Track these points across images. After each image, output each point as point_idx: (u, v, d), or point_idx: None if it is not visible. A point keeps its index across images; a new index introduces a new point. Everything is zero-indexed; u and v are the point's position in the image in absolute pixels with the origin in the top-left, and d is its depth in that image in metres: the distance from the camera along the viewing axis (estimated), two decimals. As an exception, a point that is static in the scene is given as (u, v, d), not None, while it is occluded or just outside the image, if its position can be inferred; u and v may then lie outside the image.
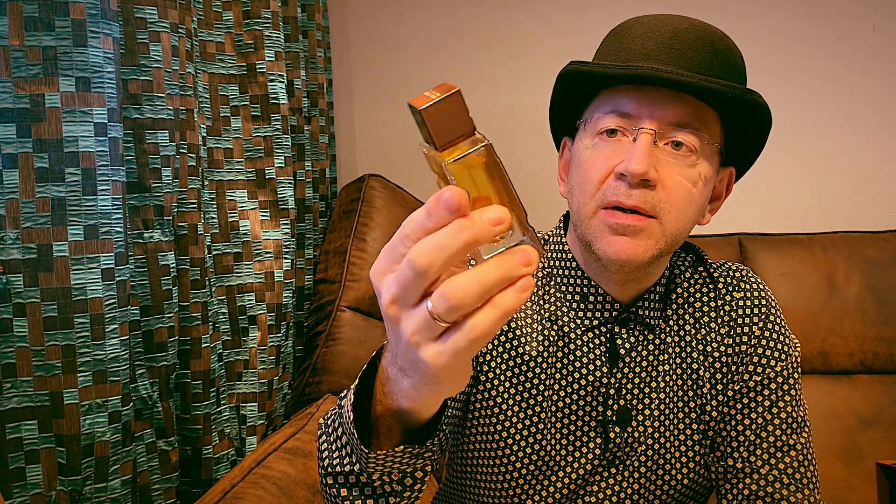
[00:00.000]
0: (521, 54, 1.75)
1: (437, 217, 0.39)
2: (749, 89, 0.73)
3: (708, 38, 0.73)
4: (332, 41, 1.74)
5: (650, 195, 0.71)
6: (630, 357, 0.82)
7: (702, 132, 0.73)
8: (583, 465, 0.81)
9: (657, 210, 0.72)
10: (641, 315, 0.82)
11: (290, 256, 1.39)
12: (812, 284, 1.47)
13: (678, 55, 0.72)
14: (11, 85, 0.90)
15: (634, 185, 0.71)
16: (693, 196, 0.73)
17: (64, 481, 0.93)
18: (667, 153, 0.72)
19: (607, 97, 0.76)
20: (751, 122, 0.76)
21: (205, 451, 1.19)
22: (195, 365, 1.17)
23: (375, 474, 0.61)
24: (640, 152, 0.70)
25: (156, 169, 1.09)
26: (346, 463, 0.63)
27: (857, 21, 1.66)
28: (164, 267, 1.10)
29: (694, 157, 0.73)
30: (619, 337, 0.82)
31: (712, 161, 0.75)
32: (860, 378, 1.46)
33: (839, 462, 1.40)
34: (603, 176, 0.74)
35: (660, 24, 0.74)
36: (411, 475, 0.63)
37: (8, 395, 0.90)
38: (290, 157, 1.39)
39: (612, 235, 0.73)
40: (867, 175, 1.69)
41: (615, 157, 0.73)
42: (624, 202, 0.71)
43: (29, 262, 0.91)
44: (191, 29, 1.21)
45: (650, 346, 0.82)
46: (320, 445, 0.68)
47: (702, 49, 0.73)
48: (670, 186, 0.72)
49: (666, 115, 0.72)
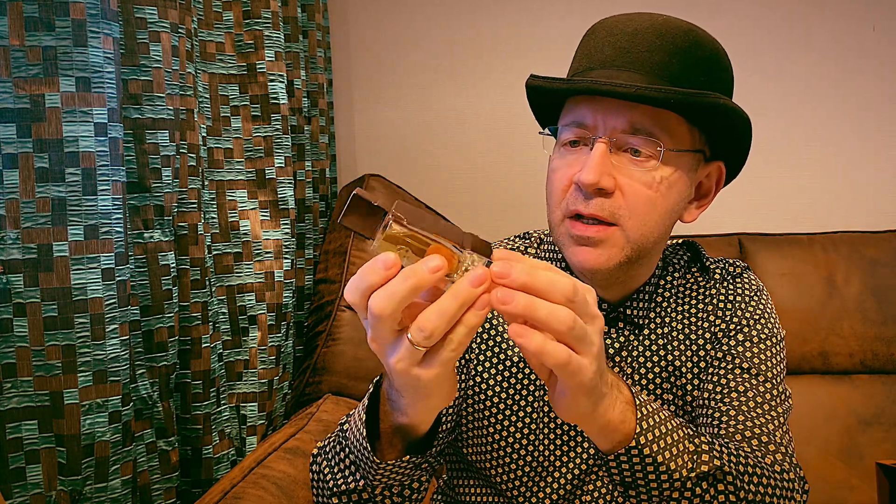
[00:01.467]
0: (522, 54, 1.75)
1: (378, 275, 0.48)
2: (699, 92, 0.72)
3: (669, 37, 0.73)
4: (332, 41, 1.74)
5: (607, 203, 0.73)
6: (620, 356, 0.82)
7: (658, 138, 0.73)
8: (578, 465, 0.81)
9: (616, 217, 0.73)
10: (629, 315, 0.82)
11: (290, 256, 1.39)
12: (812, 284, 1.47)
13: (633, 59, 0.73)
14: (11, 85, 0.90)
15: (590, 194, 0.72)
16: (655, 201, 0.74)
17: (64, 481, 0.93)
18: (626, 160, 0.73)
19: (570, 107, 0.78)
20: (717, 121, 0.75)
21: (205, 451, 1.19)
22: (195, 365, 1.17)
23: (378, 488, 0.68)
24: (592, 163, 0.71)
25: (156, 169, 1.09)
26: (352, 481, 0.69)
27: (856, 21, 1.66)
28: (164, 267, 1.10)
29: (653, 162, 0.73)
30: (608, 337, 0.82)
31: (679, 163, 0.75)
32: (860, 378, 1.46)
33: (839, 462, 1.40)
34: (566, 185, 0.76)
35: (620, 27, 0.75)
36: (409, 486, 0.69)
37: (8, 395, 0.90)
38: (290, 157, 1.39)
39: (575, 246, 0.75)
40: (867, 175, 1.69)
41: (576, 167, 0.74)
42: (582, 210, 0.73)
43: (29, 262, 0.91)
44: (191, 29, 1.21)
45: (638, 345, 0.82)
46: (322, 470, 0.73)
47: (661, 49, 0.73)
48: (629, 193, 0.73)
49: (619, 123, 0.73)
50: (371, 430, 0.65)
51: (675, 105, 0.72)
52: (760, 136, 1.73)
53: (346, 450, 0.70)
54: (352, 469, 0.69)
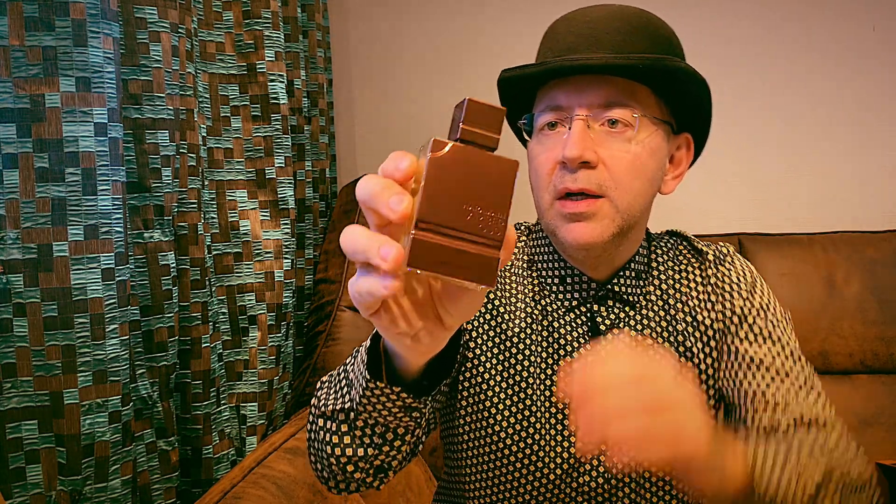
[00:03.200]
0: (522, 54, 1.75)
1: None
2: (663, 56, 0.77)
3: (625, 19, 0.78)
4: (332, 41, 1.74)
5: (594, 175, 0.76)
6: (612, 334, 0.83)
7: (633, 105, 0.77)
8: (574, 444, 0.82)
9: (604, 188, 0.76)
10: (618, 292, 0.84)
11: (290, 256, 1.39)
12: (812, 284, 1.47)
13: (596, 41, 0.77)
14: (11, 85, 0.90)
15: (576, 169, 0.75)
16: (637, 167, 0.77)
17: (64, 481, 0.93)
18: (604, 133, 0.76)
19: (542, 96, 0.81)
20: (678, 87, 0.79)
21: (205, 451, 1.19)
22: (195, 365, 1.17)
23: (362, 416, 0.65)
24: (574, 138, 0.75)
25: (156, 169, 1.09)
26: (340, 399, 0.68)
27: (856, 21, 1.66)
28: (164, 267, 1.10)
29: (630, 130, 0.77)
30: (599, 315, 0.84)
31: (654, 131, 0.78)
32: (860, 378, 1.46)
33: (839, 462, 1.40)
34: (551, 167, 0.78)
35: (578, 18, 0.80)
36: (393, 430, 0.67)
37: (8, 395, 0.91)
38: (290, 157, 1.39)
39: (569, 223, 0.77)
40: (867, 175, 1.69)
41: (558, 148, 0.77)
42: (571, 187, 0.76)
43: (29, 262, 0.91)
44: (191, 29, 1.21)
45: (631, 322, 0.84)
46: (318, 395, 0.73)
47: (619, 30, 0.77)
48: (612, 163, 0.76)
49: (594, 98, 0.76)
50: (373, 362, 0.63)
51: (644, 71, 0.76)
52: (761, 136, 1.74)
53: (345, 371, 0.69)
54: (346, 389, 0.67)
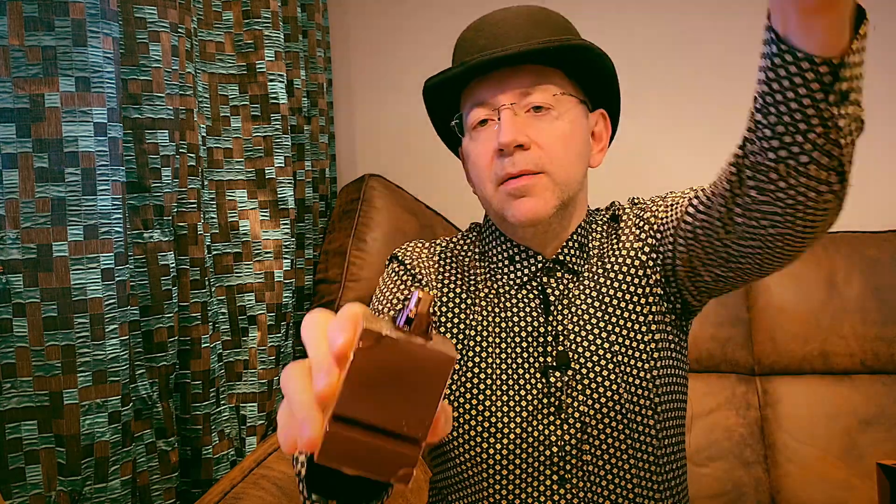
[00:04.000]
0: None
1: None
2: (568, 37, 0.85)
3: (525, 15, 0.86)
4: (332, 41, 1.74)
5: (529, 156, 0.82)
6: (562, 304, 0.88)
7: (550, 87, 0.83)
8: (526, 408, 0.84)
9: (541, 165, 0.82)
10: (564, 262, 0.89)
11: (289, 256, 1.39)
12: (812, 284, 1.47)
13: (504, 38, 0.84)
14: (11, 85, 0.90)
15: (512, 153, 0.81)
16: (567, 142, 0.84)
17: (64, 481, 0.93)
18: (531, 118, 0.83)
19: (467, 96, 0.88)
20: (587, 65, 0.86)
21: (205, 452, 1.19)
22: (195, 365, 1.17)
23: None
24: (505, 125, 0.81)
25: (156, 169, 1.09)
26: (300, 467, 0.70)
27: (857, 21, 1.66)
28: (163, 267, 1.10)
29: (554, 111, 0.84)
30: (549, 287, 0.89)
31: (573, 110, 0.85)
32: (860, 378, 1.45)
33: (839, 462, 1.40)
34: (489, 159, 0.84)
35: (484, 23, 0.87)
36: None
37: (8, 395, 0.90)
38: (289, 157, 1.39)
39: (514, 200, 0.83)
40: (867, 175, 1.68)
41: (492, 140, 0.84)
42: (511, 171, 0.82)
43: (29, 262, 0.91)
44: (190, 29, 1.21)
45: (577, 291, 0.89)
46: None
47: (525, 25, 0.84)
48: (544, 142, 0.82)
49: (515, 86, 0.83)
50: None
51: (555, 53, 0.82)
52: (760, 136, 1.74)
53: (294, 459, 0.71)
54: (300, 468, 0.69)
